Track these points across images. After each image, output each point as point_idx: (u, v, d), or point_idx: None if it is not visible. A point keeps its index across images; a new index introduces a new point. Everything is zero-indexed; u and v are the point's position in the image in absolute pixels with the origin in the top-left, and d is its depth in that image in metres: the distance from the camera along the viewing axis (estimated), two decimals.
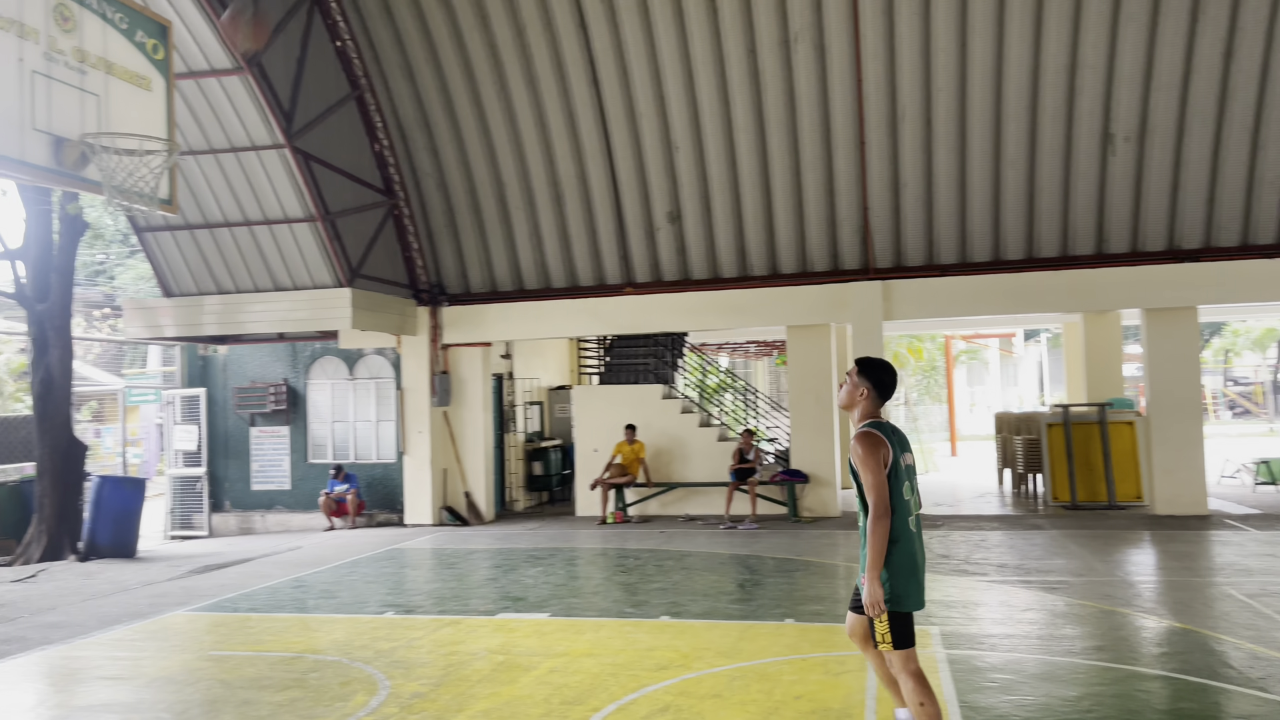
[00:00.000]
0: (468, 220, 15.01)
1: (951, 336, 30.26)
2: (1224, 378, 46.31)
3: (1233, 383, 46.50)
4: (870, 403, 4.62)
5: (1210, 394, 40.37)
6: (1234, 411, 42.57)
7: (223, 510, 16.00)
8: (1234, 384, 46.30)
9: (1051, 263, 13.68)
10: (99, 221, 24.53)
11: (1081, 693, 5.70)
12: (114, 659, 7.23)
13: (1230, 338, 43.36)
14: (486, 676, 6.39)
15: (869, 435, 4.46)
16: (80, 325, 24.65)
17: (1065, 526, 12.60)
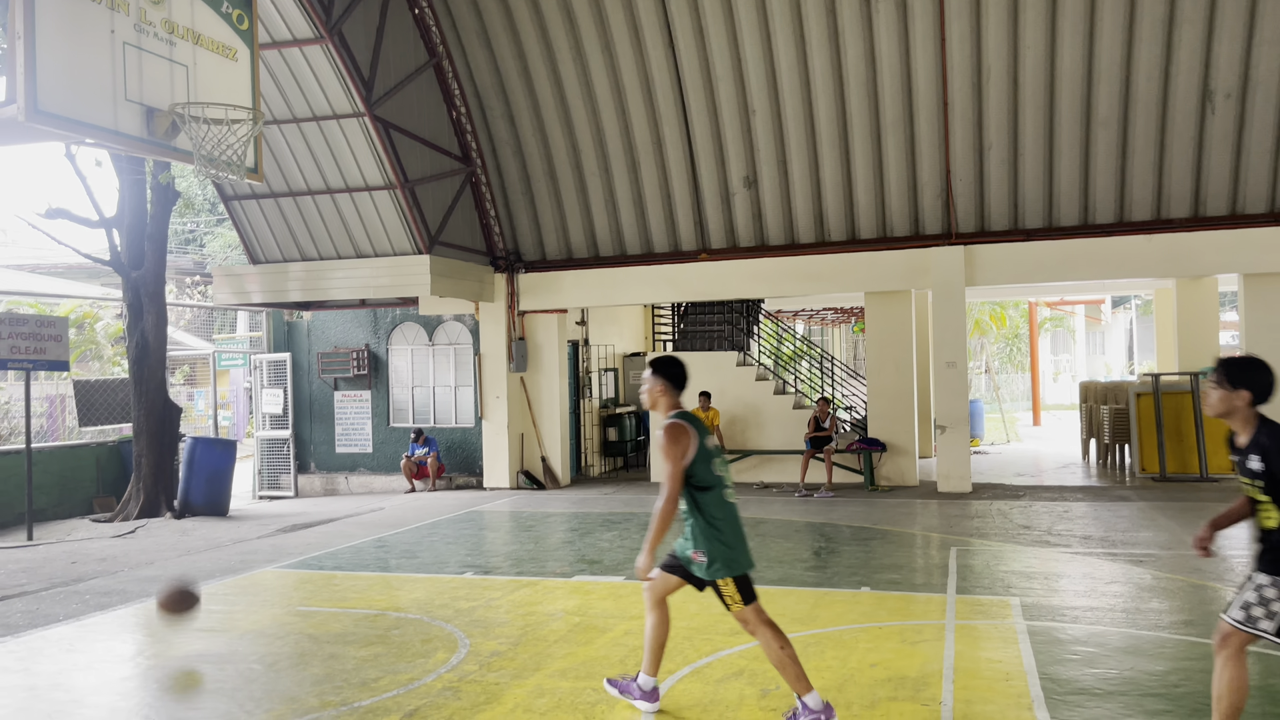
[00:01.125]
0: (544, 187, 15.07)
1: (1036, 303, 29.44)
2: None
3: None
4: (669, 396, 5.07)
5: None
6: None
7: (308, 472, 16.49)
8: None
9: (1144, 226, 13.19)
10: (189, 191, 25.27)
11: (1169, 667, 5.55)
12: (208, 612, 7.53)
13: None
14: (563, 637, 6.50)
15: (673, 426, 4.81)
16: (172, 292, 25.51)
17: (1153, 498, 12.24)
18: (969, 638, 6.21)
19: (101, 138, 7.34)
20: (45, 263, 26.64)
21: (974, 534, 10.08)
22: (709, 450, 4.87)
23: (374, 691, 5.45)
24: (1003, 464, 17.16)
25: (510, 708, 5.12)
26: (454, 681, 5.59)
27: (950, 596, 7.34)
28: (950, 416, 13.64)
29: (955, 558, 8.83)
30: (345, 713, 5.11)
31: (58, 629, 7.13)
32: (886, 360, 14.43)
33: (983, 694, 5.12)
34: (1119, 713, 4.83)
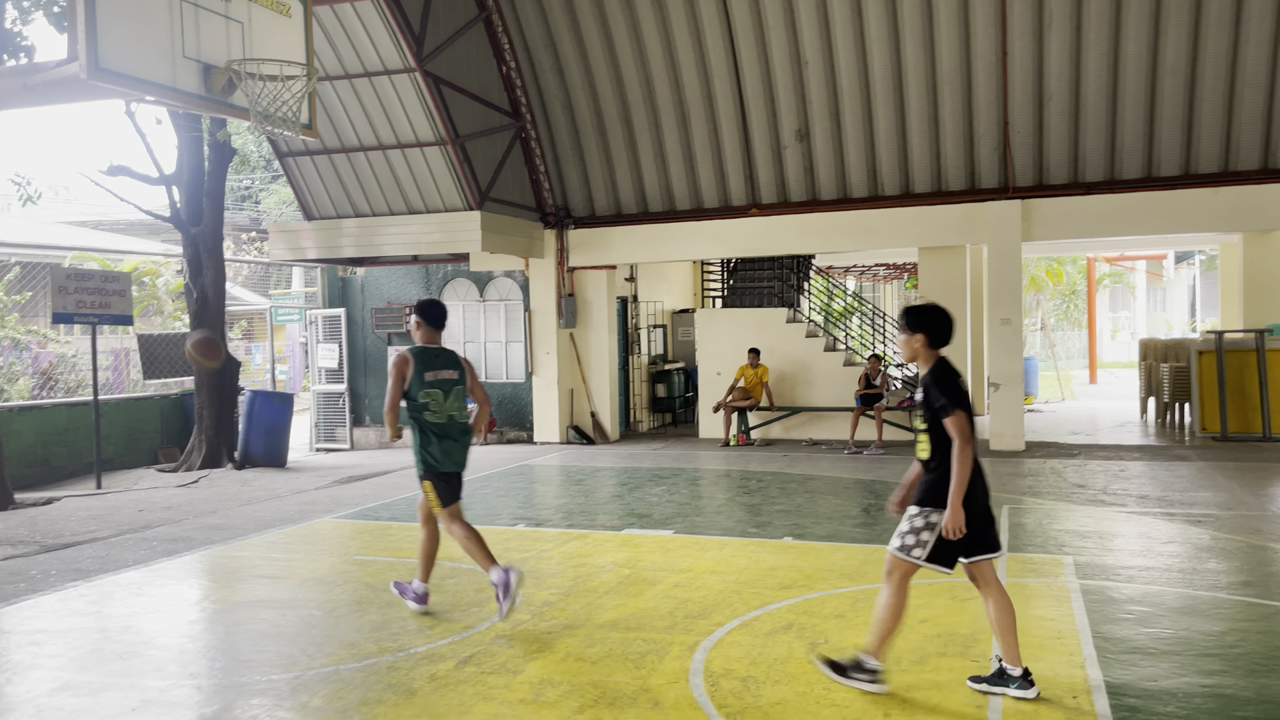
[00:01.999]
0: (593, 142, 15.01)
1: (1095, 259, 28.76)
2: None
3: None
4: (423, 331, 6.27)
5: None
6: None
7: (363, 425, 16.79)
8: None
9: (1211, 179, 12.79)
10: (245, 148, 25.59)
11: (1225, 628, 5.49)
12: (269, 559, 7.76)
13: None
14: (613, 588, 6.59)
15: (398, 356, 6.06)
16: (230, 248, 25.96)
17: (1214, 458, 12.00)
18: (1020, 595, 6.18)
19: (160, 95, 7.44)
20: (108, 219, 27.27)
21: (1026, 492, 9.99)
22: (424, 380, 6.02)
23: (429, 639, 5.59)
24: (1057, 422, 16.92)
25: (562, 656, 5.23)
26: (507, 630, 5.71)
27: (1001, 554, 7.29)
28: (1004, 374, 13.46)
29: (1007, 516, 8.76)
30: (402, 659, 5.25)
31: (127, 574, 7.40)
32: None
33: (1034, 651, 5.11)
34: (1173, 672, 4.80)
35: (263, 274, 25.48)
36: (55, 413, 13.15)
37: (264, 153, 27.62)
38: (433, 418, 6.01)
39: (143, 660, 5.35)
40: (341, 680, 4.95)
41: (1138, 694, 4.52)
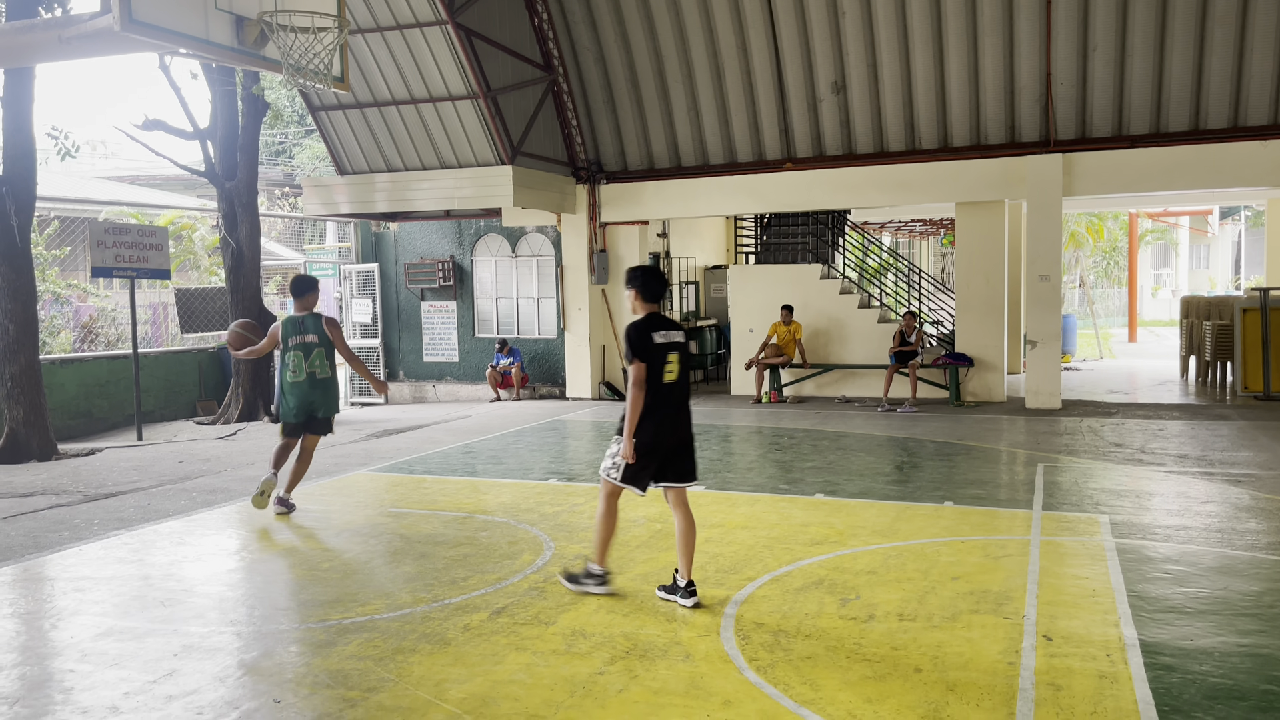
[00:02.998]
0: (625, 96, 14.84)
1: (1137, 214, 28.16)
2: None
3: None
4: (299, 303, 7.68)
5: None
6: None
7: (397, 379, 16.94)
8: None
9: (1261, 131, 12.43)
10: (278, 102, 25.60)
11: (1263, 588, 5.42)
12: (305, 511, 7.87)
13: None
14: (645, 542, 6.62)
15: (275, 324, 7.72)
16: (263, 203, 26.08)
17: (1256, 418, 11.80)
18: (1055, 554, 6.14)
19: (193, 47, 7.44)
20: (144, 174, 27.48)
21: (1062, 451, 9.89)
22: (288, 344, 7.47)
23: (463, 590, 5.65)
24: (1095, 381, 16.70)
25: (594, 608, 5.27)
26: (539, 582, 5.77)
27: (1036, 513, 7.24)
28: (1041, 331, 13.27)
29: (1042, 474, 8.69)
30: (436, 609, 5.32)
31: (168, 523, 7.55)
32: (976, 273, 14.04)
33: (1068, 610, 5.08)
34: (1209, 631, 4.75)
35: (297, 229, 25.61)
36: (96, 365, 13.37)
37: (297, 107, 27.64)
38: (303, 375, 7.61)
39: (184, 607, 5.46)
40: (377, 629, 5.03)
41: (1172, 653, 4.48)
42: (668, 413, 5.36)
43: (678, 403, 5.42)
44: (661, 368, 5.34)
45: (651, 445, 5.31)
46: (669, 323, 5.50)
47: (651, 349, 5.32)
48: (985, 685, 4.16)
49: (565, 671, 4.41)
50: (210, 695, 4.24)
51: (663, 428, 5.34)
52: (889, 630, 4.84)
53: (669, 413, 5.37)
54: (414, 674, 4.42)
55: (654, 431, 5.31)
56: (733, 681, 4.26)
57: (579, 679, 4.32)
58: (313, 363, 7.48)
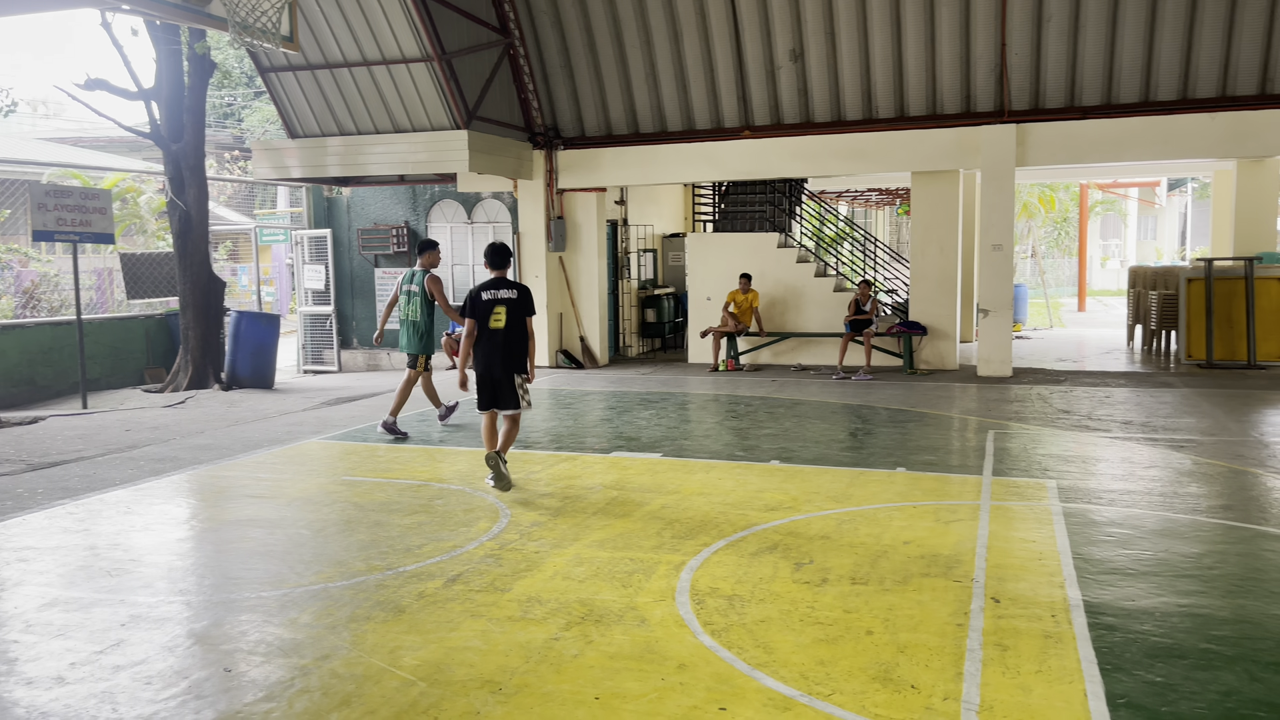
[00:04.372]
0: (583, 61, 14.68)
1: (1088, 185, 28.57)
2: None
3: None
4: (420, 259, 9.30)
5: None
6: None
7: (351, 347, 16.74)
8: None
9: (1209, 104, 12.63)
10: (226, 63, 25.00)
11: (1203, 550, 5.57)
12: (257, 479, 7.78)
13: None
14: (601, 509, 6.63)
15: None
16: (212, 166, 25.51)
17: (1199, 385, 12.09)
18: (1003, 518, 6.25)
19: (138, 2, 7.21)
20: (87, 136, 26.72)
21: (1012, 418, 10.05)
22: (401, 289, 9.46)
23: (418, 557, 5.63)
24: (1045, 349, 16.98)
25: (550, 575, 5.27)
26: (495, 549, 5.76)
27: (986, 478, 7.37)
28: (993, 300, 13.44)
29: (992, 440, 8.83)
30: (390, 577, 5.29)
31: (115, 493, 7.41)
32: (931, 243, 14.16)
33: (1015, 572, 5.18)
34: (1150, 592, 4.87)
35: (247, 193, 25.11)
36: (39, 332, 13.04)
37: (246, 68, 26.99)
38: None
39: (131, 577, 5.38)
40: (330, 597, 4.99)
41: (1115, 613, 4.60)
42: (491, 350, 7.17)
43: (500, 343, 7.15)
44: (488, 318, 7.14)
45: (481, 374, 7.23)
46: (502, 284, 7.24)
47: (479, 305, 7.18)
48: (935, 646, 4.24)
49: (520, 638, 4.42)
50: (159, 665, 4.19)
51: (490, 360, 7.17)
52: (842, 594, 4.91)
53: (493, 350, 7.16)
54: (368, 641, 4.40)
55: (483, 363, 7.20)
56: (687, 646, 4.29)
57: (534, 645, 4.33)
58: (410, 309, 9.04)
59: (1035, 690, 3.80)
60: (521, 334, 7.21)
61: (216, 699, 3.86)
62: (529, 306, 7.29)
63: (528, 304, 7.28)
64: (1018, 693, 3.78)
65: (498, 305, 7.14)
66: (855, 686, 3.86)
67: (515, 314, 7.17)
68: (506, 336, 7.13)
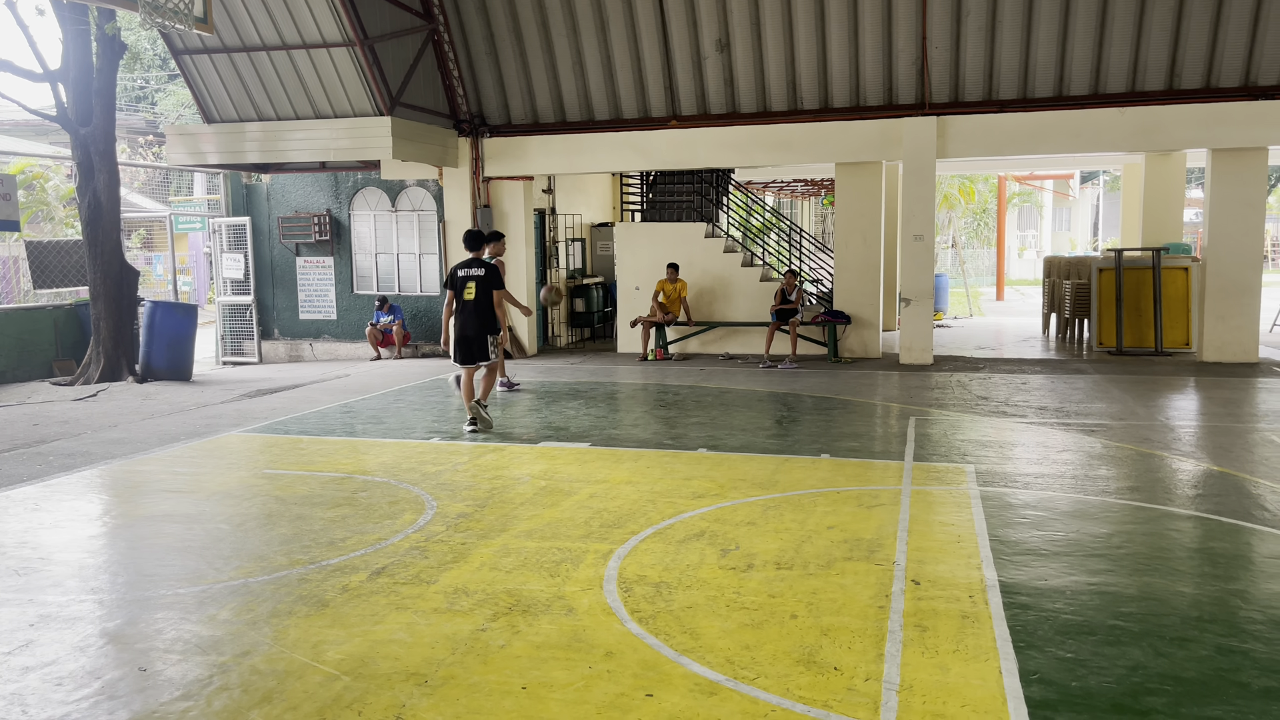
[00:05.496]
0: (509, 47, 14.54)
1: (1005, 177, 29.33)
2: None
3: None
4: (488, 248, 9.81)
5: (1271, 241, 39.13)
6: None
7: (272, 338, 16.37)
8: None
9: (1118, 99, 13.06)
10: (137, 44, 24.16)
11: (1112, 530, 5.78)
12: (174, 474, 7.57)
13: None
14: (529, 500, 6.61)
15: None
16: (124, 152, 24.68)
17: (1109, 371, 12.52)
18: (924, 502, 6.40)
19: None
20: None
21: (933, 404, 10.29)
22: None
23: (341, 551, 5.54)
24: (964, 337, 17.40)
25: (476, 566, 5.24)
26: (421, 541, 5.70)
27: (907, 463, 7.53)
28: (915, 290, 13.72)
29: (914, 427, 9.03)
30: (313, 571, 5.20)
31: (22, 489, 7.14)
32: (854, 233, 14.39)
33: (935, 554, 5.31)
34: (1063, 571, 5.04)
35: (161, 179, 24.33)
36: None
37: (159, 50, 26.14)
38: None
39: (40, 576, 5.19)
40: (250, 593, 4.88)
41: (1029, 592, 4.74)
42: (465, 316, 9.00)
43: (471, 310, 8.97)
44: (462, 291, 8.98)
45: (458, 336, 9.04)
46: (473, 263, 9.08)
47: (455, 280, 9.06)
48: (857, 629, 4.32)
49: (447, 629, 4.38)
50: (70, 665, 4.06)
51: (464, 323, 9.00)
52: (767, 579, 4.97)
53: (466, 316, 8.99)
54: (290, 636, 4.32)
55: (459, 327, 9.04)
56: (614, 634, 4.31)
57: (461, 636, 4.30)
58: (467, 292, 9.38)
59: (953, 669, 3.90)
60: (488, 303, 8.98)
61: (131, 699, 3.76)
62: (495, 281, 9.07)
63: (493, 279, 9.05)
64: (936, 672, 3.88)
65: (469, 280, 8.94)
66: (780, 670, 3.92)
67: (483, 287, 8.96)
68: (475, 305, 8.93)
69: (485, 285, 9.00)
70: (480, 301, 8.94)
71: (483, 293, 8.96)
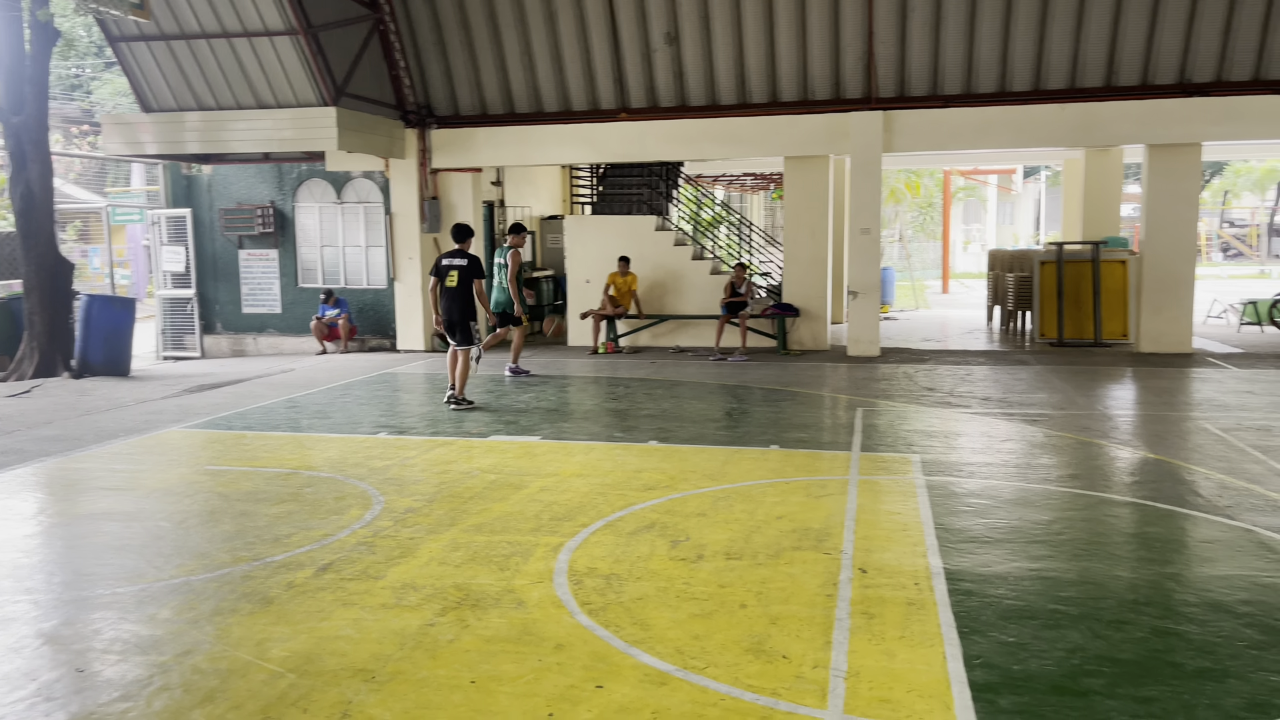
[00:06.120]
0: (456, 37, 14.39)
1: (950, 172, 29.76)
2: (1220, 219, 46.06)
3: (1229, 224, 46.29)
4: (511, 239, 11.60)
5: (1205, 235, 40.26)
6: (1227, 253, 42.56)
7: (214, 332, 16.05)
8: (1230, 225, 46.10)
9: (1059, 95, 13.30)
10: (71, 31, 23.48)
11: (1053, 517, 5.90)
12: (112, 471, 7.39)
13: (1231, 178, 42.83)
14: (479, 494, 6.57)
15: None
16: (59, 141, 24.01)
17: (1051, 362, 12.77)
18: (871, 492, 6.48)
19: None
20: None
21: (880, 395, 10.41)
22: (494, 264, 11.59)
23: (287, 547, 5.46)
24: (911, 329, 17.64)
25: (425, 560, 5.20)
26: (368, 537, 5.63)
27: (855, 454, 7.62)
28: (862, 283, 13.87)
29: (861, 418, 9.13)
30: (258, 568, 5.12)
31: None
32: (803, 226, 14.49)
33: (881, 543, 5.38)
34: (1005, 558, 5.14)
35: (98, 170, 23.70)
36: None
37: (94, 37, 25.43)
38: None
39: None
40: (192, 591, 4.79)
41: (973, 579, 4.83)
42: (449, 301, 9.89)
43: (454, 296, 9.86)
44: (444, 278, 9.90)
45: (443, 319, 9.95)
46: (457, 254, 10.01)
47: (440, 268, 9.98)
48: (805, 617, 4.36)
49: (394, 625, 4.34)
50: (4, 667, 3.94)
51: (448, 308, 9.90)
52: (716, 569, 5.00)
53: (449, 301, 9.89)
54: (233, 635, 4.25)
55: (443, 311, 9.93)
56: (565, 626, 4.30)
57: (409, 631, 4.26)
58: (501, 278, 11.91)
59: (899, 655, 3.96)
60: (468, 290, 9.87)
61: (68, 700, 3.66)
62: (477, 271, 9.97)
63: (475, 270, 9.96)
64: (883, 658, 3.93)
65: (451, 269, 9.87)
66: (729, 659, 3.94)
67: (464, 276, 9.87)
68: (457, 292, 9.84)
69: (467, 275, 9.83)
70: (461, 289, 9.81)
71: (464, 282, 9.82)
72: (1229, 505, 6.09)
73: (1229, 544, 5.38)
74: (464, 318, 9.85)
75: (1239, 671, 3.80)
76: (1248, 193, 44.15)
